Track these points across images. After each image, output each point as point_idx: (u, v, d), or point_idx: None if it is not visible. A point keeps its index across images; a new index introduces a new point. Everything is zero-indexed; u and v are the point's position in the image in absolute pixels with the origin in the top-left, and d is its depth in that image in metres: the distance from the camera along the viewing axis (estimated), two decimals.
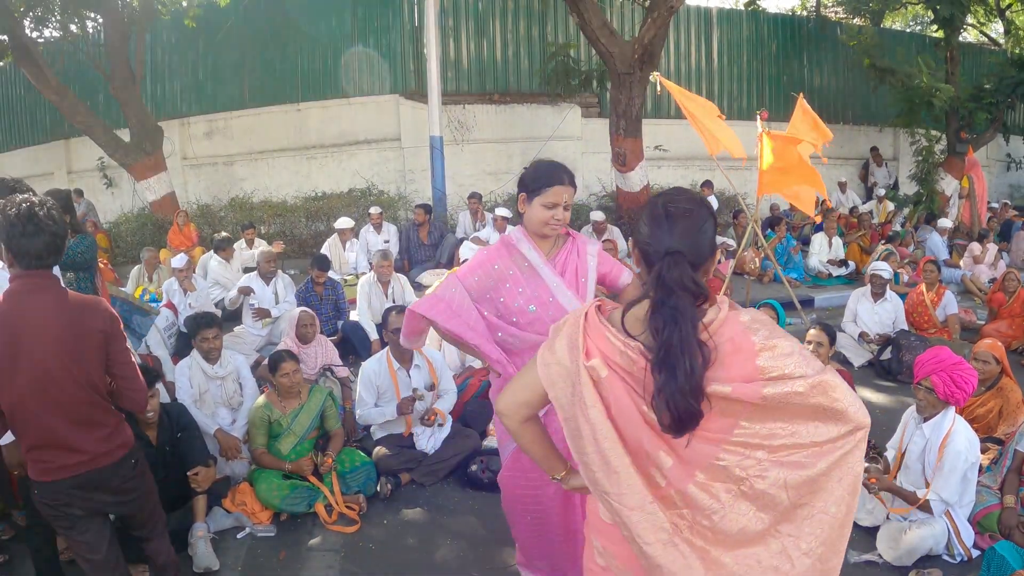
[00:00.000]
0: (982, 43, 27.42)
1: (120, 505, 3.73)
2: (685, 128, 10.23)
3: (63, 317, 3.42)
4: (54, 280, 3.52)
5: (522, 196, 3.67)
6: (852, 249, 13.71)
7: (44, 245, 3.40)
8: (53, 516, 3.58)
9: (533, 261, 3.68)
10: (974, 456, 4.72)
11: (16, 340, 3.34)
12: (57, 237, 3.46)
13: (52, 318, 3.40)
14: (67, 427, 3.46)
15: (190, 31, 16.32)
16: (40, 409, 3.40)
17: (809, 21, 21.04)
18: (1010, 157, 22.02)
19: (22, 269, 3.39)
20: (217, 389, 6.25)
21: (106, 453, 3.58)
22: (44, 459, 3.47)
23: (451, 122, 16.01)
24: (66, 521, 3.58)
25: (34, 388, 3.37)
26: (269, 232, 14.91)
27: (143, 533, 3.97)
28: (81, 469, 3.50)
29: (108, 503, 3.66)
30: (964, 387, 4.70)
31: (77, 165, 18.93)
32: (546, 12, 16.97)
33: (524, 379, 2.43)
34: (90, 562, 3.66)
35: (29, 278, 3.40)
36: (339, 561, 4.92)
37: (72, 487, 3.50)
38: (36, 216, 3.38)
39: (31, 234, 3.35)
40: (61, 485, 3.48)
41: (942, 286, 9.57)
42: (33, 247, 3.37)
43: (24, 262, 3.39)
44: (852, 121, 20.53)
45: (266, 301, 9.06)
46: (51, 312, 3.40)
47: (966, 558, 4.69)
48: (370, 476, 5.76)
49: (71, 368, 3.42)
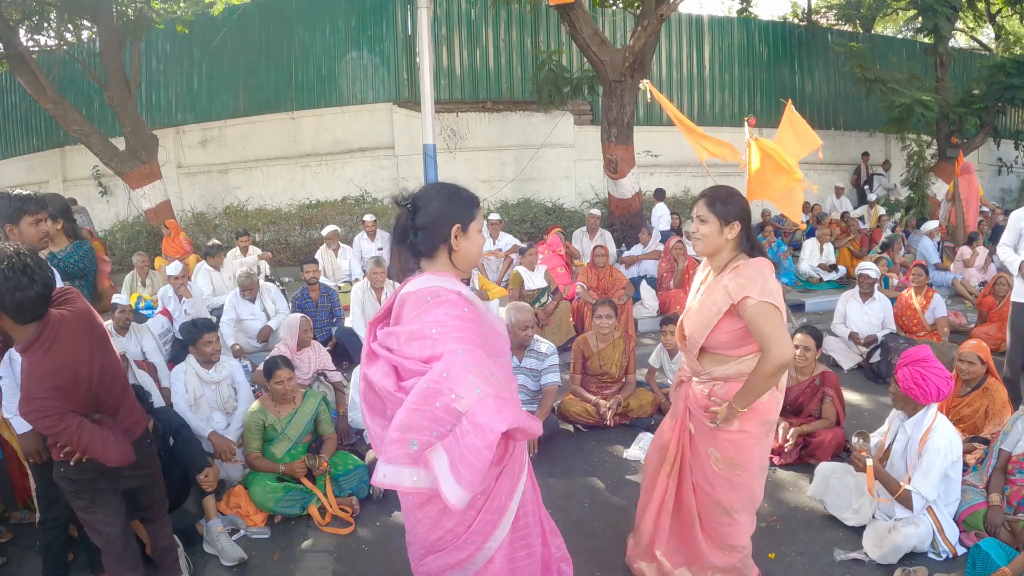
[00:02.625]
0: (973, 48, 27.59)
1: (138, 479, 3.93)
2: (676, 135, 10.32)
3: (94, 323, 3.70)
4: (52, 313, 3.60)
5: (456, 228, 3.03)
6: (843, 254, 13.82)
7: (38, 297, 3.42)
8: (77, 491, 3.72)
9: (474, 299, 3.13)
10: (955, 454, 4.77)
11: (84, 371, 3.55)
12: (48, 288, 3.49)
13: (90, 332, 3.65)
14: (107, 414, 3.71)
15: (185, 40, 16.40)
16: (95, 403, 3.65)
17: (800, 28, 21.16)
18: (1001, 161, 22.17)
19: (22, 326, 3.44)
20: (212, 394, 6.32)
21: (129, 428, 3.83)
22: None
23: (444, 130, 16.11)
24: (88, 495, 3.73)
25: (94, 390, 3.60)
26: (264, 240, 14.99)
27: (149, 514, 4.14)
28: None
29: (129, 476, 3.84)
30: (922, 384, 4.75)
31: (72, 173, 19.00)
32: (538, 21, 17.09)
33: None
34: (106, 536, 3.80)
35: (43, 331, 3.47)
36: (332, 562, 4.98)
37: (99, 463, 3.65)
38: (29, 267, 3.38)
39: (25, 287, 3.36)
40: (91, 461, 3.62)
41: (931, 289, 9.63)
42: (28, 300, 3.38)
43: (21, 317, 3.41)
44: (843, 127, 20.67)
45: (256, 320, 9.14)
46: (87, 331, 3.63)
47: (951, 555, 4.74)
48: (363, 479, 5.82)
49: (111, 361, 3.76)
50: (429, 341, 2.83)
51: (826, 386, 6.42)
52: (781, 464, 6.21)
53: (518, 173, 16.64)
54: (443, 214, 3.01)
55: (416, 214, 3.01)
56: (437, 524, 3.02)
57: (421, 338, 2.85)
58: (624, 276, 10.67)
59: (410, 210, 3.03)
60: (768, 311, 3.57)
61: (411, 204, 3.04)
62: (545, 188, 16.64)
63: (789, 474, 6.10)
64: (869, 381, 8.64)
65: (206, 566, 4.94)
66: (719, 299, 3.72)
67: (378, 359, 2.98)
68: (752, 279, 3.63)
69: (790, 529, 5.22)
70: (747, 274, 3.66)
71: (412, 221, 3.01)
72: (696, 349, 3.89)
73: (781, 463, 6.22)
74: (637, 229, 13.68)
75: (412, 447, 2.72)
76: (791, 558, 4.84)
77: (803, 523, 5.31)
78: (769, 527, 5.25)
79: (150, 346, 7.64)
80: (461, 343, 2.81)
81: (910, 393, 4.82)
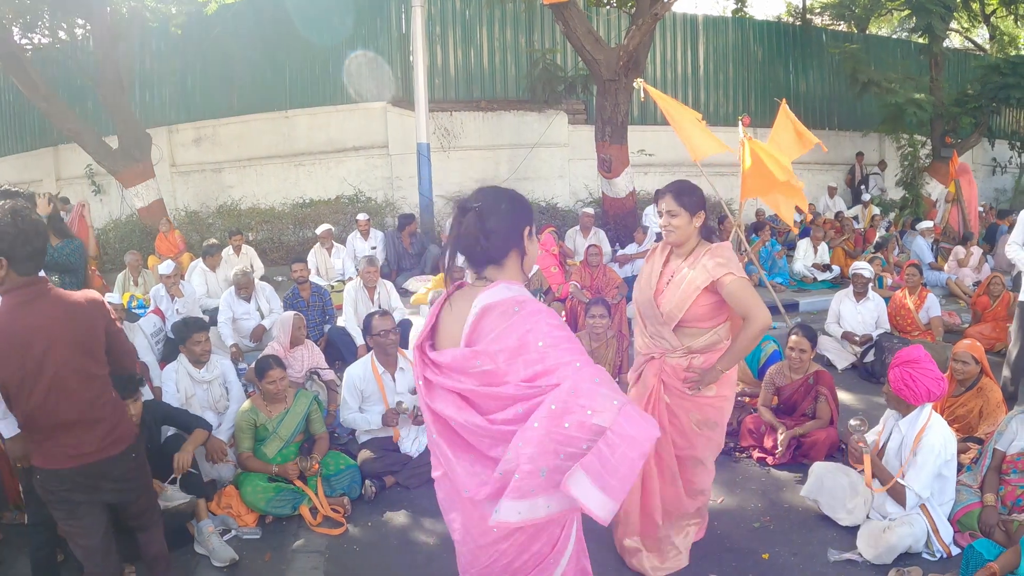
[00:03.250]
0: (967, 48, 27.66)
1: (119, 493, 3.81)
2: (671, 134, 10.32)
3: (75, 319, 3.52)
4: (48, 283, 3.59)
5: (528, 230, 2.89)
6: (837, 254, 13.81)
7: (39, 249, 3.47)
8: (54, 501, 3.65)
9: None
10: (949, 453, 4.78)
11: (34, 351, 3.39)
12: (44, 239, 3.54)
13: (65, 322, 3.48)
14: (78, 425, 3.56)
15: (178, 38, 16.36)
16: (56, 410, 3.49)
17: (795, 27, 21.18)
18: (995, 161, 22.22)
19: (20, 276, 3.42)
20: (203, 393, 6.31)
21: (110, 445, 3.68)
22: (52, 451, 3.55)
23: (438, 129, 16.07)
24: (66, 506, 3.65)
25: (52, 393, 3.46)
26: (257, 239, 14.95)
27: (138, 523, 4.04)
28: (86, 460, 3.59)
29: (108, 490, 3.74)
30: (912, 385, 4.77)
31: (66, 172, 18.97)
32: (532, 20, 17.07)
33: None
34: (84, 548, 3.72)
35: (30, 287, 3.45)
36: (324, 562, 4.98)
37: (75, 475, 3.58)
38: (33, 220, 3.45)
39: (33, 239, 3.42)
40: (65, 473, 3.57)
41: (925, 289, 9.65)
42: (34, 251, 3.43)
43: (24, 268, 3.43)
44: (838, 127, 20.69)
45: (251, 319, 9.10)
46: (62, 317, 3.48)
47: (945, 555, 4.75)
48: (355, 479, 5.82)
49: (84, 367, 3.54)
50: (536, 355, 2.56)
51: (820, 385, 6.42)
52: (775, 464, 6.21)
53: (512, 172, 16.61)
54: (515, 217, 2.79)
55: (486, 218, 2.72)
56: (525, 549, 2.81)
57: (526, 353, 2.58)
58: (618, 275, 10.65)
59: (479, 214, 2.74)
60: (746, 284, 4.18)
61: (479, 208, 2.75)
62: (539, 187, 16.61)
63: (783, 474, 6.10)
64: (863, 381, 8.65)
65: (197, 567, 4.93)
66: (698, 277, 4.23)
67: (437, 389, 2.72)
68: (729, 259, 4.23)
69: (784, 529, 5.22)
70: (723, 255, 4.25)
71: (482, 225, 2.71)
72: (673, 323, 4.32)
73: (775, 463, 6.21)
74: (631, 228, 13.68)
75: (542, 475, 2.49)
76: (785, 558, 4.83)
77: (797, 523, 5.30)
78: (763, 527, 5.25)
79: (142, 345, 7.63)
80: (574, 354, 2.58)
81: (900, 394, 4.84)
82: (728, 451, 6.51)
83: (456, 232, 2.75)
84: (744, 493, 5.80)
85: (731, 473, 6.16)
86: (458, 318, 2.72)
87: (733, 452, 6.50)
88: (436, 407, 2.69)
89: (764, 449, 6.38)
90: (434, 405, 2.69)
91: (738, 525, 5.27)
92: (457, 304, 2.76)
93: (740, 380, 7.37)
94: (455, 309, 2.76)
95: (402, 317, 8.74)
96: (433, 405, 2.70)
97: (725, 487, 5.88)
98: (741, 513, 5.45)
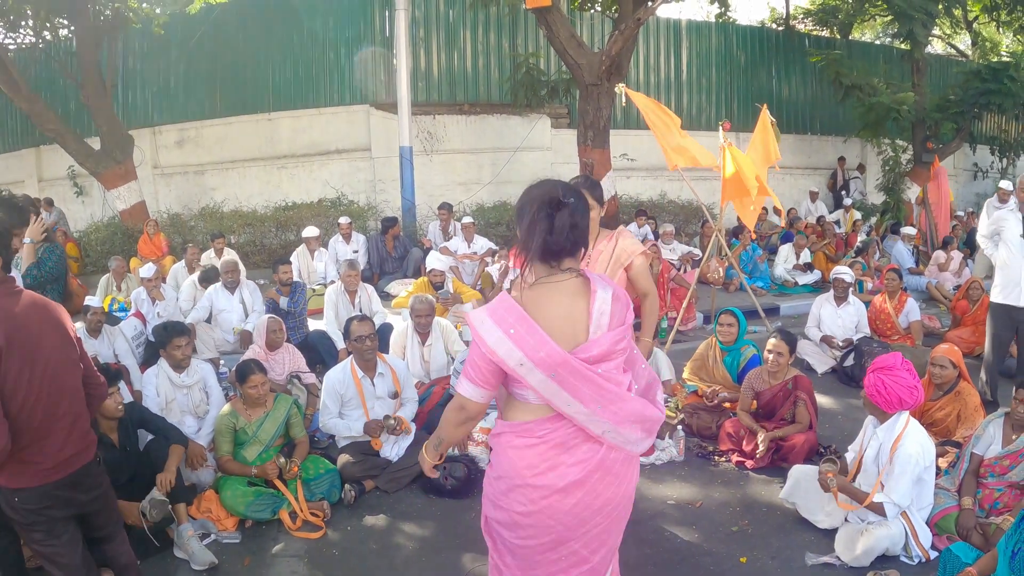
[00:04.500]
0: (950, 54, 27.84)
1: (92, 502, 3.75)
2: (652, 139, 10.35)
3: (58, 320, 3.50)
4: (14, 282, 3.54)
5: None
6: (818, 258, 13.91)
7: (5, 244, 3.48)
8: (33, 523, 3.54)
9: None
10: (928, 460, 4.79)
11: (28, 344, 3.37)
12: (8, 237, 3.55)
13: (52, 321, 3.47)
14: (63, 425, 3.52)
15: (162, 40, 16.31)
16: (46, 410, 3.44)
17: (778, 33, 21.27)
18: (976, 167, 22.38)
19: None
20: (184, 398, 6.30)
21: (88, 446, 3.67)
22: (38, 459, 3.46)
23: (421, 132, 16.10)
24: (45, 525, 3.56)
25: (44, 390, 3.42)
26: (239, 241, 14.92)
27: (104, 533, 3.95)
28: (72, 467, 3.55)
29: (83, 501, 3.69)
30: (884, 393, 4.79)
31: (47, 173, 18.90)
32: (516, 24, 17.08)
33: None
34: (66, 568, 3.64)
35: (4, 283, 3.43)
36: (303, 566, 4.97)
37: (53, 489, 3.51)
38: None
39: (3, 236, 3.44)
40: (43, 489, 3.49)
41: (904, 293, 9.70)
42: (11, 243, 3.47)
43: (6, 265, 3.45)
44: (820, 131, 20.80)
45: (233, 312, 9.10)
46: (48, 316, 3.46)
47: (924, 559, 4.77)
48: (334, 483, 5.81)
49: (70, 368, 3.53)
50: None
51: (799, 390, 6.45)
52: (754, 468, 6.24)
53: (495, 176, 16.64)
54: (588, 212, 2.98)
55: (577, 213, 2.86)
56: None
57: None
58: None
59: (572, 210, 2.86)
60: (646, 263, 4.86)
61: (573, 203, 2.87)
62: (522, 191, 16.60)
63: (761, 478, 6.13)
64: (842, 385, 8.69)
65: (176, 571, 4.91)
66: (620, 256, 4.74)
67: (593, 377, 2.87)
68: (635, 240, 4.87)
69: (762, 533, 5.24)
70: (631, 237, 4.93)
71: (573, 220, 2.85)
72: None
73: (754, 467, 6.24)
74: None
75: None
76: (763, 562, 4.86)
77: (775, 527, 5.33)
78: (741, 531, 5.28)
79: (122, 348, 7.62)
80: None
81: (874, 400, 4.86)
82: (707, 455, 6.55)
83: (547, 226, 2.80)
84: (722, 497, 5.82)
85: (710, 477, 6.19)
86: (570, 309, 2.87)
87: (712, 456, 6.54)
88: (626, 384, 2.98)
89: (743, 453, 6.40)
90: (625, 386, 2.97)
91: (716, 529, 5.29)
92: (557, 297, 2.87)
93: (719, 384, 7.41)
94: (558, 301, 2.87)
95: (383, 321, 8.74)
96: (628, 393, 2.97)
97: (703, 491, 5.91)
98: (719, 517, 5.47)
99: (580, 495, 2.90)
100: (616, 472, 2.97)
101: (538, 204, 2.81)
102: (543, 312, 2.80)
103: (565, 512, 2.90)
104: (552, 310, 2.83)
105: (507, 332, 2.75)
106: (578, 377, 2.79)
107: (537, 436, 2.88)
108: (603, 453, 2.91)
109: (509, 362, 2.76)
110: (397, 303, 9.61)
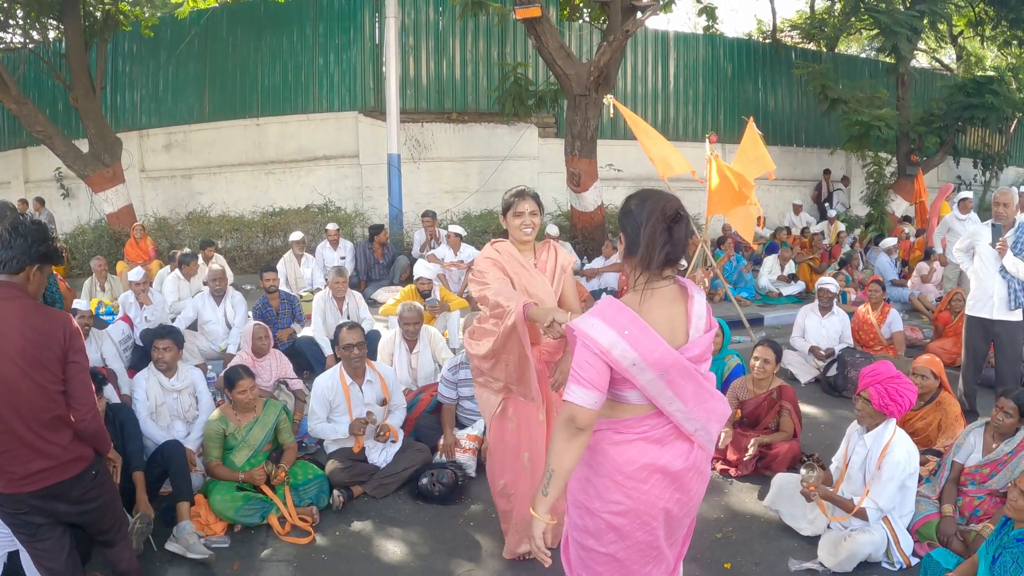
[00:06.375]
0: (935, 68, 28.03)
1: (80, 515, 3.75)
2: (639, 149, 10.44)
3: (27, 324, 3.43)
4: (18, 289, 3.52)
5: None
6: (802, 269, 13.99)
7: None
8: (15, 524, 3.60)
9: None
10: (913, 467, 4.88)
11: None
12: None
13: (15, 325, 3.41)
14: (30, 432, 3.46)
15: (151, 43, 16.31)
16: (3, 413, 3.40)
17: (764, 45, 21.40)
18: (960, 179, 22.52)
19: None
20: (173, 402, 6.31)
21: (70, 462, 3.60)
22: (9, 468, 3.46)
23: (409, 140, 16.13)
24: (28, 529, 3.61)
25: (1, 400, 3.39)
26: (226, 247, 14.91)
27: (105, 539, 4.00)
28: (46, 481, 3.51)
29: (69, 513, 3.68)
30: (898, 399, 4.85)
31: (35, 175, 18.80)
32: (505, 33, 17.14)
33: None
34: (48, 569, 3.69)
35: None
36: (292, 571, 5.00)
37: (34, 498, 3.51)
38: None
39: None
40: (20, 497, 3.49)
41: (887, 305, 9.79)
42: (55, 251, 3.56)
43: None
44: (805, 143, 20.93)
45: (218, 323, 9.12)
46: (15, 319, 3.41)
47: (905, 565, 4.83)
48: (323, 489, 5.84)
49: (32, 374, 3.42)
50: None
51: (783, 399, 6.52)
52: (738, 476, 6.30)
53: (482, 184, 16.68)
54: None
55: (688, 224, 3.04)
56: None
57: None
58: (585, 288, 10.73)
59: (687, 222, 3.02)
60: (573, 276, 4.87)
61: (685, 216, 3.01)
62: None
63: (745, 485, 6.19)
64: (826, 394, 8.76)
65: (169, 565, 4.96)
66: (564, 264, 4.74)
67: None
68: (569, 252, 4.85)
69: (746, 539, 5.30)
70: (565, 249, 5.05)
71: (682, 233, 2.99)
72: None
73: (738, 474, 6.30)
74: (599, 242, 13.78)
75: None
76: (747, 568, 4.91)
77: (758, 533, 5.39)
78: (725, 537, 5.33)
79: (110, 352, 7.60)
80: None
81: (884, 410, 4.90)
82: None
83: (669, 238, 2.91)
84: (707, 504, 5.85)
85: None
86: (671, 312, 2.99)
87: None
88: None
89: (727, 461, 6.46)
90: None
91: (701, 535, 5.31)
92: (660, 302, 2.96)
93: None
94: (662, 306, 2.96)
95: (370, 328, 8.77)
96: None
97: None
98: (704, 524, 5.51)
99: (678, 494, 3.03)
100: (704, 472, 3.12)
101: (658, 216, 2.88)
102: (651, 315, 2.89)
103: (661, 508, 3.02)
104: (657, 313, 2.92)
105: (621, 334, 2.82)
106: (685, 376, 2.91)
107: (637, 432, 2.98)
108: (696, 452, 3.03)
109: (623, 362, 2.82)
110: (385, 310, 9.63)
